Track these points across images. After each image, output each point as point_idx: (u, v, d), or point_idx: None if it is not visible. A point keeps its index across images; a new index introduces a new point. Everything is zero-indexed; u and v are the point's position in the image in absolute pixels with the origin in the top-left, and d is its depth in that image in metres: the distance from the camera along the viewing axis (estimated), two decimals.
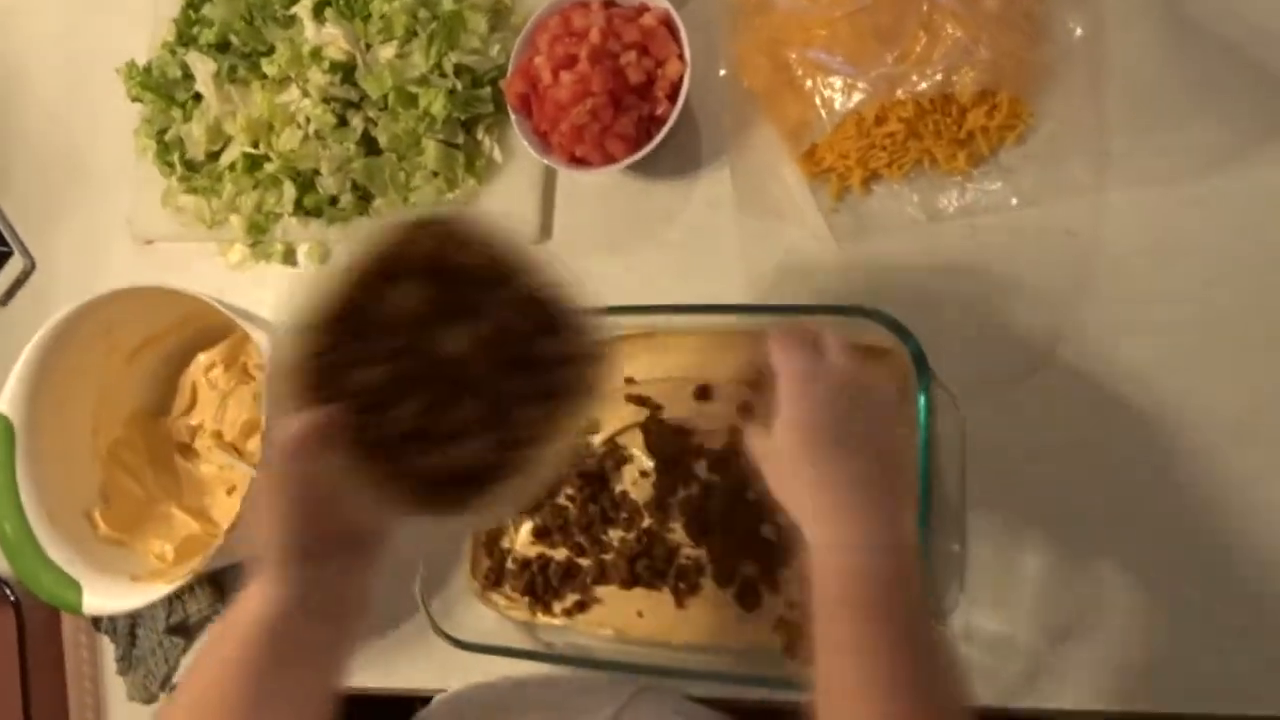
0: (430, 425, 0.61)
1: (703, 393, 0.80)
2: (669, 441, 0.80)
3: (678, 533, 0.79)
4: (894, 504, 0.58)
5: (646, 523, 0.80)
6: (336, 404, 0.59)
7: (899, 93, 0.70)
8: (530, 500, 0.63)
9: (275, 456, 0.58)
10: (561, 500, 0.82)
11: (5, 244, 1.10)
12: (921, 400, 0.70)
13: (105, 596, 0.85)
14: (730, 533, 0.77)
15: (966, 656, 0.74)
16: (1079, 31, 0.73)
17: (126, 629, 0.99)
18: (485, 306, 0.62)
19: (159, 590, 0.83)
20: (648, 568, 0.79)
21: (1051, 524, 0.73)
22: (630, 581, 0.79)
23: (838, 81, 0.72)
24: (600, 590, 0.81)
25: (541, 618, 0.83)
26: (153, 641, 0.98)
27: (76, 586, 0.85)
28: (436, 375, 0.61)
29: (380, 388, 0.60)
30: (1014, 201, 0.77)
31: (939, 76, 0.69)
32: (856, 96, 0.71)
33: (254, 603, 0.59)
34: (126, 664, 0.99)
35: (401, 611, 0.88)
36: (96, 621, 1.00)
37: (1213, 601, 0.70)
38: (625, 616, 0.80)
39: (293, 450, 0.57)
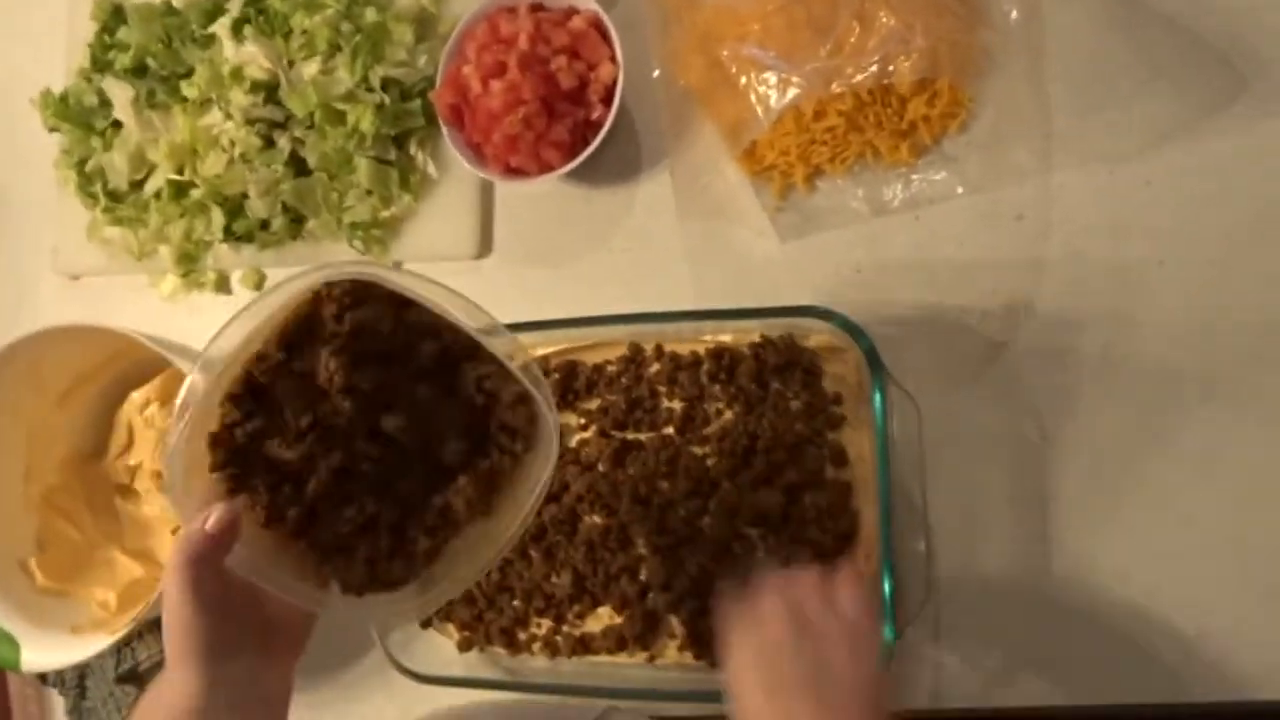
0: (354, 502, 0.59)
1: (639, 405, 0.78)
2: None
3: (639, 547, 0.77)
4: None
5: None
6: (246, 493, 0.57)
7: (834, 86, 0.68)
8: (475, 578, 0.61)
9: (180, 554, 0.54)
10: None
11: None
12: (877, 400, 0.68)
13: (45, 651, 0.82)
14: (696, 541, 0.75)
15: (938, 658, 0.72)
16: (1015, 13, 0.72)
17: (75, 680, 0.95)
18: (405, 375, 0.60)
19: (102, 642, 0.80)
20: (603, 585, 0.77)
21: (1017, 515, 0.72)
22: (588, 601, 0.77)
23: (772, 77, 0.70)
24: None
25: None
26: (103, 692, 0.94)
27: (13, 642, 0.82)
28: (356, 448, 0.58)
29: (297, 464, 0.57)
30: (960, 190, 0.75)
31: (875, 67, 0.68)
32: (792, 92, 0.69)
33: (172, 698, 0.56)
34: (77, 716, 0.95)
35: (360, 648, 0.86)
36: (43, 675, 0.96)
37: (1184, 586, 0.69)
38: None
39: (200, 548, 0.54)
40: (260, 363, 0.57)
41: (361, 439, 0.58)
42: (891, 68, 0.68)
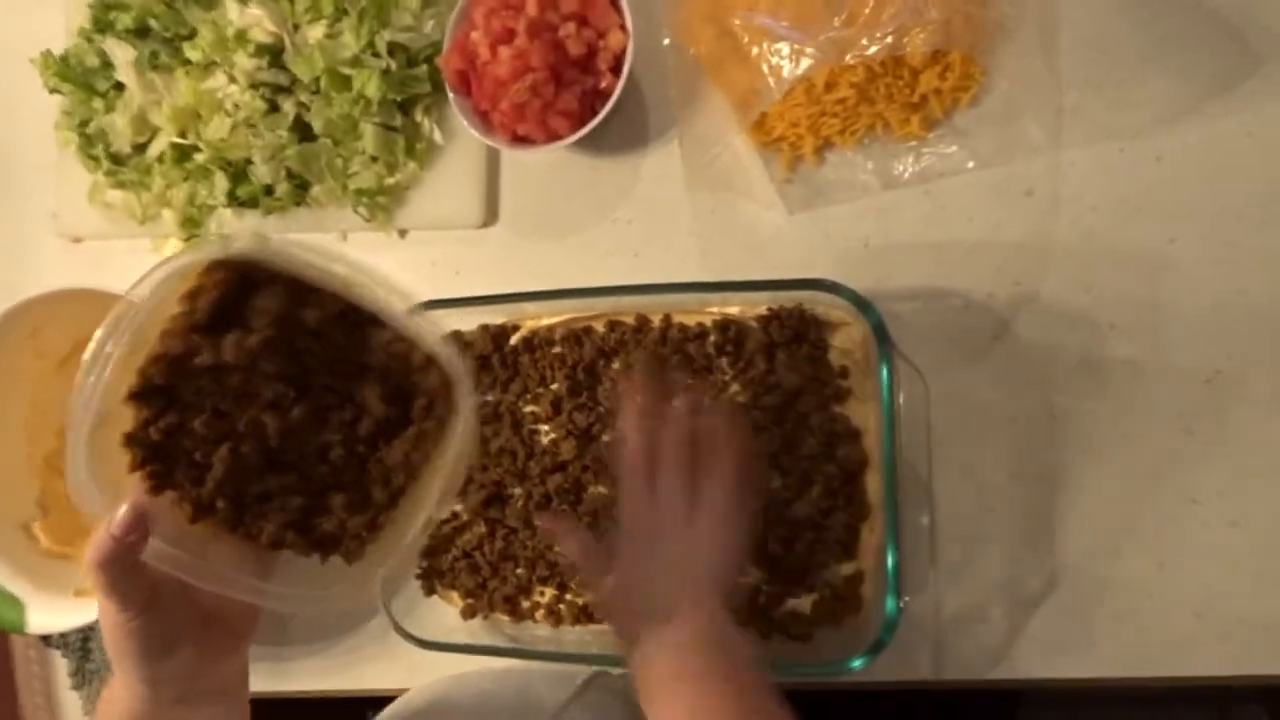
0: (277, 484, 0.58)
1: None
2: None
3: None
4: (669, 609, 0.61)
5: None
6: (171, 489, 0.56)
7: (848, 57, 0.68)
8: (415, 543, 0.60)
9: (91, 557, 0.52)
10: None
11: None
12: (884, 374, 0.68)
13: (50, 614, 0.82)
14: None
15: (939, 630, 0.73)
16: None
17: (78, 643, 0.96)
18: (316, 351, 0.58)
19: None
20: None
21: (1021, 491, 0.72)
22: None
23: (784, 48, 0.69)
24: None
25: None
26: (106, 654, 0.94)
27: (18, 604, 0.82)
28: (267, 428, 0.57)
29: (212, 450, 0.56)
30: (970, 164, 0.75)
31: (889, 39, 0.67)
32: (804, 63, 0.68)
33: (122, 703, 0.56)
34: (80, 679, 0.96)
35: (364, 614, 0.86)
36: (46, 636, 0.97)
37: (1187, 563, 0.69)
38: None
39: (109, 550, 0.52)
40: (156, 362, 0.55)
41: (270, 419, 0.57)
42: (905, 39, 0.67)
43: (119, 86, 0.94)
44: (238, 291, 0.57)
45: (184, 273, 0.56)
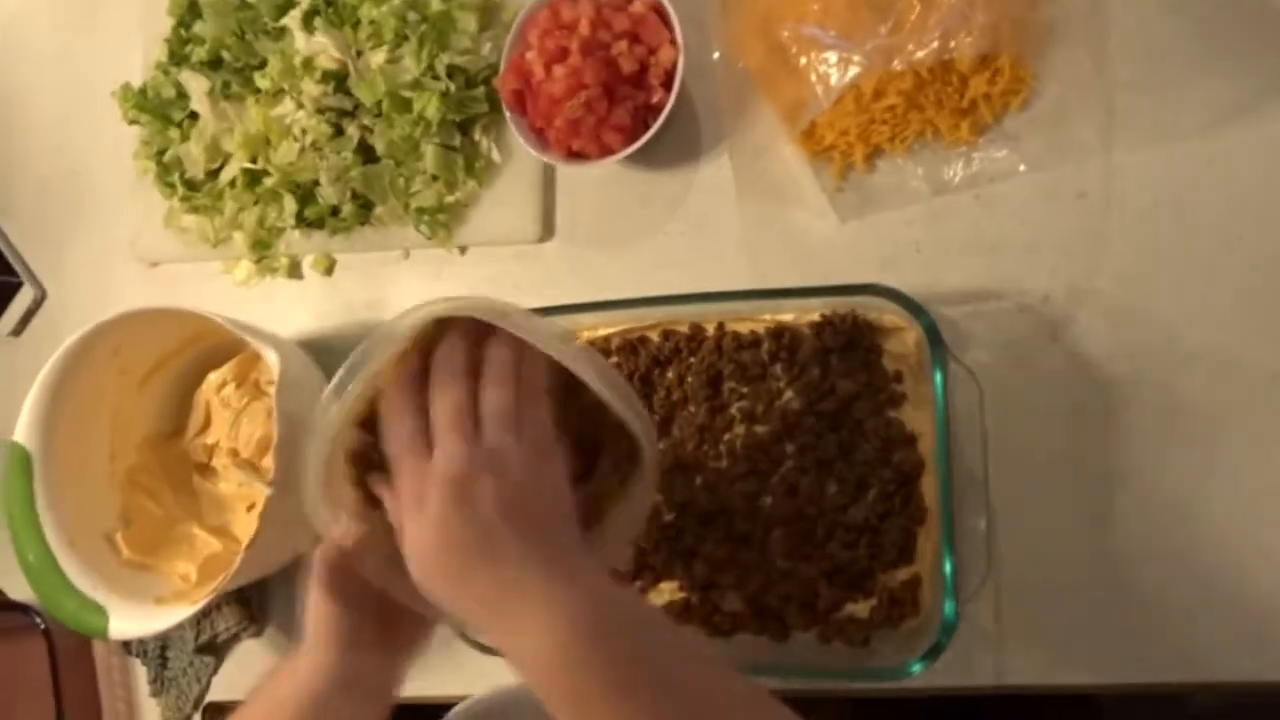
0: None
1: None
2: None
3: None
4: (530, 594, 0.53)
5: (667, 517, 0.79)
6: (378, 511, 0.61)
7: (895, 64, 0.68)
8: None
9: (320, 561, 0.61)
10: None
11: (14, 274, 1.10)
12: (938, 378, 0.69)
13: (131, 620, 0.85)
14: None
15: (999, 634, 0.72)
16: None
17: (157, 651, 0.99)
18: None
19: (183, 612, 0.83)
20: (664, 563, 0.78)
21: (1080, 493, 0.72)
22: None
23: (832, 57, 0.70)
24: None
25: None
26: (184, 662, 0.98)
27: (102, 612, 0.85)
28: None
29: None
30: (1021, 168, 0.75)
31: (935, 44, 0.68)
32: (852, 71, 0.69)
33: (305, 674, 0.61)
34: (159, 685, 0.99)
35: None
36: (127, 645, 1.01)
37: (1250, 566, 0.68)
38: None
39: (337, 557, 0.61)
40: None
41: None
42: (952, 44, 0.68)
43: (193, 116, 0.99)
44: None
45: (408, 332, 0.60)
